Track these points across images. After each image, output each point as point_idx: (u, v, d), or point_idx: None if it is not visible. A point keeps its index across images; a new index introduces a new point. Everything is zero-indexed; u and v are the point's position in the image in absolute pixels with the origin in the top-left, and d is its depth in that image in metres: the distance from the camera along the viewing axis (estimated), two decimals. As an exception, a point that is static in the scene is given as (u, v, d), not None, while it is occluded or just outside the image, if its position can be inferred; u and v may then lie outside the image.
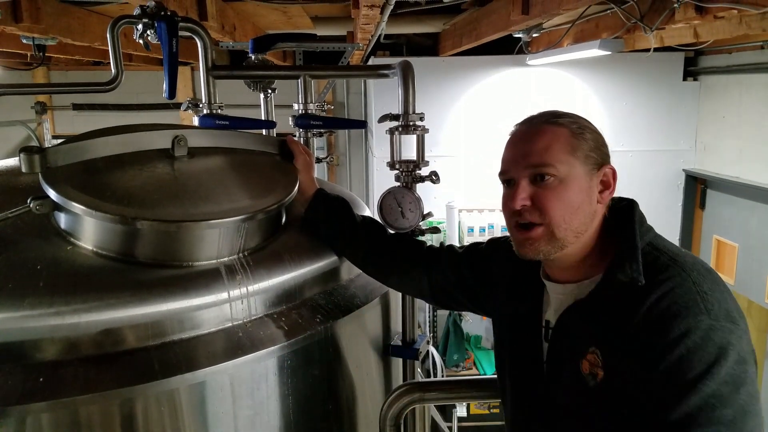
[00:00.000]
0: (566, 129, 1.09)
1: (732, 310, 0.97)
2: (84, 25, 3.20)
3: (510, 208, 1.10)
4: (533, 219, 1.07)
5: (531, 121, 1.14)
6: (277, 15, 4.02)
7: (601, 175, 1.10)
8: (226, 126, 1.66)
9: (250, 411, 1.19)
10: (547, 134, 1.09)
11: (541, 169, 1.06)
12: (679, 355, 0.93)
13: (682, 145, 4.74)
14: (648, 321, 0.97)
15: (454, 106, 4.75)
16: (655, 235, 1.09)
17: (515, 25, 2.99)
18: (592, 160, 1.09)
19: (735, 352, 0.92)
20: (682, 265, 1.01)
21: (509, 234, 1.16)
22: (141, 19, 1.56)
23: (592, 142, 1.10)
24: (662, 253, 1.04)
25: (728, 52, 4.24)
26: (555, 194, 1.06)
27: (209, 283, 1.20)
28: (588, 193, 1.08)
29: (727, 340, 0.93)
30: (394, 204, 1.57)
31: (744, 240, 4.13)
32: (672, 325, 0.94)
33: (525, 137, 1.11)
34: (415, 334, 1.66)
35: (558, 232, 1.06)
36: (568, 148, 1.07)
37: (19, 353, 1.06)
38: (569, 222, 1.06)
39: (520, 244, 1.10)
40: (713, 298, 0.96)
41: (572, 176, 1.06)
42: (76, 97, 6.70)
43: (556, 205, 1.05)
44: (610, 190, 1.12)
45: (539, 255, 1.09)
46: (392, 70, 1.62)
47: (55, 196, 1.15)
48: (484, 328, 4.93)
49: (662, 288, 0.98)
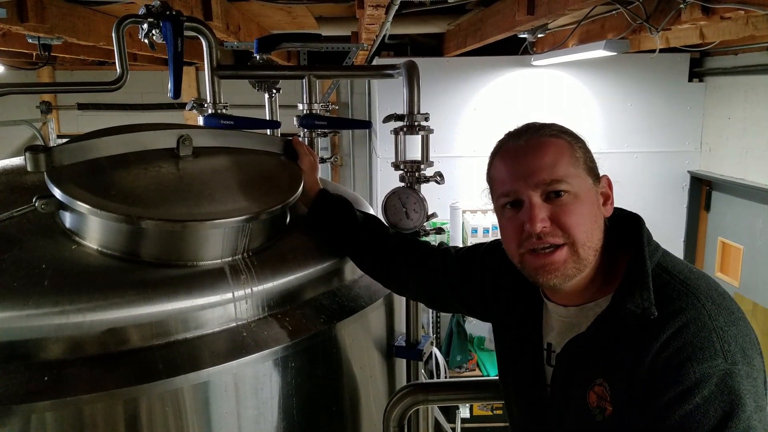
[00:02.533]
0: (564, 141, 1.02)
1: (747, 346, 0.90)
2: (89, 24, 3.21)
3: (521, 233, 0.99)
4: (555, 240, 0.97)
5: (525, 134, 1.04)
6: (282, 15, 4.02)
7: (600, 187, 1.05)
8: (231, 126, 1.66)
9: (254, 411, 1.19)
10: (550, 147, 1.01)
11: (555, 185, 0.98)
12: (694, 405, 0.86)
13: (687, 147, 4.72)
14: (660, 362, 0.89)
15: (458, 107, 4.74)
16: (663, 253, 1.02)
17: (520, 25, 2.98)
18: (592, 172, 1.03)
19: (752, 400, 0.86)
20: (695, 292, 0.93)
21: (518, 260, 1.04)
22: (146, 19, 1.56)
23: (587, 153, 1.04)
24: (673, 277, 0.96)
25: (734, 54, 4.22)
26: (573, 210, 0.98)
27: (213, 282, 1.20)
28: (598, 206, 1.02)
29: (744, 388, 0.86)
30: (399, 204, 1.57)
31: (749, 242, 4.11)
32: (685, 370, 0.87)
33: (525, 152, 1.02)
34: (419, 335, 1.66)
35: (582, 251, 0.98)
36: (573, 161, 1.01)
37: (24, 352, 1.06)
38: (591, 238, 0.99)
39: (541, 271, 0.99)
40: (729, 335, 0.89)
41: (583, 189, 1.00)
42: (81, 97, 6.72)
43: (578, 222, 0.97)
44: (611, 201, 1.06)
45: (566, 281, 0.99)
46: (397, 70, 1.62)
47: (61, 195, 1.15)
48: (487, 329, 4.91)
49: (676, 322, 0.90)
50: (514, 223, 1.02)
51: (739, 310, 0.95)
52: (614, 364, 0.96)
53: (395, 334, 1.64)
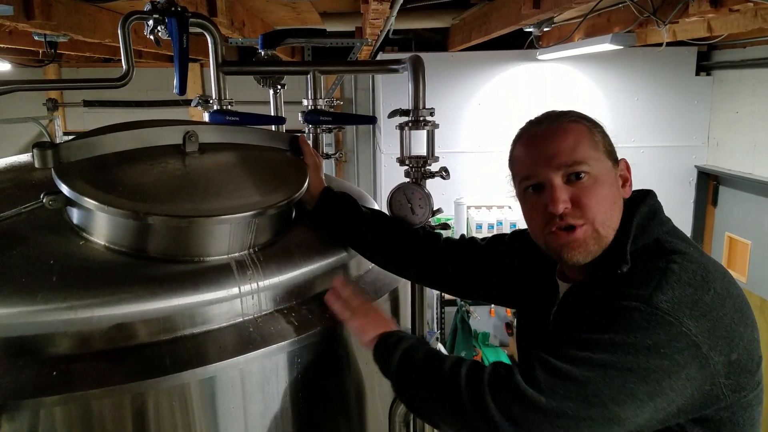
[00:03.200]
0: (583, 126, 1.07)
1: (689, 312, 0.92)
2: (95, 21, 3.22)
3: (548, 214, 1.04)
4: (576, 221, 1.02)
5: (546, 120, 1.09)
6: (286, 11, 4.02)
7: (619, 170, 1.10)
8: (237, 122, 1.66)
9: (261, 406, 1.20)
10: (570, 132, 1.05)
11: (575, 167, 1.02)
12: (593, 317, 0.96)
13: (695, 141, 4.69)
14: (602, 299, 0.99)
15: (463, 102, 4.73)
16: (668, 230, 1.06)
17: (526, 19, 2.97)
18: (611, 156, 1.08)
19: (649, 338, 0.90)
20: (671, 258, 0.99)
21: (542, 241, 1.09)
22: (151, 15, 1.56)
23: (605, 138, 1.09)
24: (662, 249, 1.02)
25: (742, 47, 4.19)
26: (594, 192, 1.03)
27: (220, 278, 1.21)
28: (617, 188, 1.07)
29: (645, 324, 0.91)
30: (404, 200, 1.57)
31: (757, 237, 4.09)
32: (611, 300, 0.96)
33: (547, 137, 1.06)
34: (424, 330, 1.66)
35: (602, 229, 1.03)
36: (593, 144, 1.05)
37: (33, 347, 1.07)
38: (610, 218, 1.04)
39: (565, 248, 1.04)
40: (672, 290, 0.94)
41: (603, 172, 1.05)
42: (87, 94, 6.75)
43: (598, 203, 1.02)
44: (630, 183, 1.11)
45: (588, 256, 1.04)
46: (402, 65, 1.62)
47: (68, 192, 1.16)
48: (491, 325, 4.92)
49: (633, 270, 0.98)
50: (537, 206, 1.06)
51: (725, 291, 0.98)
52: (584, 312, 1.02)
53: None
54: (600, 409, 0.89)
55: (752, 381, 0.99)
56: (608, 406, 0.89)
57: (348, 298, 1.25)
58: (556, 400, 0.90)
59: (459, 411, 0.98)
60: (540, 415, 0.90)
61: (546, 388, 0.91)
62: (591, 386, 0.90)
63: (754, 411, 1.02)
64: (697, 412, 0.96)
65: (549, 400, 0.90)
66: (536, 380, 0.92)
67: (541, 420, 0.90)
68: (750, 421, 1.01)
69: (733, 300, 0.98)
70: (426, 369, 1.07)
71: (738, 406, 0.98)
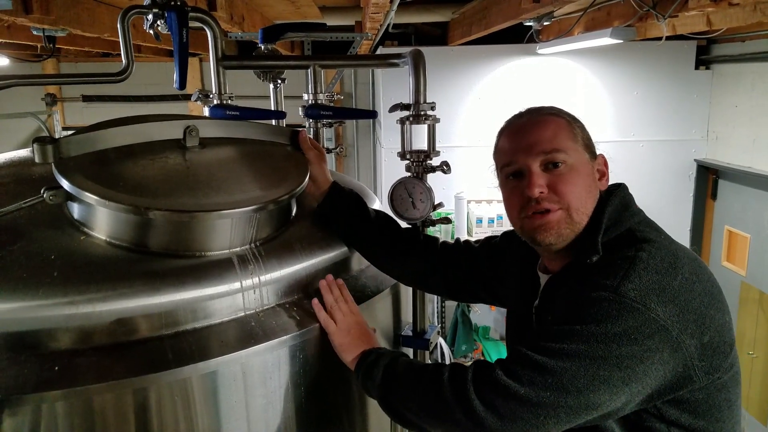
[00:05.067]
0: (564, 119, 1.13)
1: (656, 298, 0.95)
2: (93, 15, 3.20)
3: (524, 198, 1.09)
4: (551, 206, 1.08)
5: (527, 114, 1.16)
6: (286, 5, 4.00)
7: (597, 164, 1.14)
8: (237, 116, 1.65)
9: (263, 400, 1.20)
10: (550, 123, 1.12)
11: (553, 155, 1.08)
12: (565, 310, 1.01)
13: (694, 135, 4.69)
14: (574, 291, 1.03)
15: (463, 96, 4.72)
16: (640, 220, 1.10)
17: (526, 13, 2.95)
18: (589, 149, 1.13)
19: (619, 326, 0.94)
20: (640, 246, 1.02)
21: (518, 226, 1.14)
22: (151, 9, 1.55)
23: (585, 132, 1.14)
24: (632, 239, 1.05)
25: (741, 41, 4.17)
26: (569, 179, 1.08)
27: (222, 272, 1.21)
28: (593, 179, 1.12)
29: (615, 312, 0.95)
30: (405, 194, 1.57)
31: (756, 231, 4.09)
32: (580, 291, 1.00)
33: (528, 127, 1.13)
34: (425, 324, 1.66)
35: (576, 215, 1.08)
36: (572, 136, 1.11)
37: (35, 342, 1.07)
38: (584, 205, 1.09)
39: (539, 229, 1.09)
40: (639, 278, 0.97)
41: (580, 162, 1.10)
42: (86, 89, 6.72)
43: (573, 190, 1.07)
44: (606, 178, 1.16)
45: (560, 239, 1.09)
46: (403, 59, 1.61)
47: (69, 187, 1.16)
48: (492, 318, 4.93)
49: (602, 261, 1.02)
50: (515, 192, 1.12)
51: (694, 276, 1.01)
52: (559, 303, 1.07)
53: (402, 324, 1.65)
54: (576, 396, 0.94)
55: (725, 363, 1.02)
56: (584, 393, 0.94)
57: (332, 308, 1.28)
58: (535, 391, 0.95)
59: (445, 412, 1.03)
60: (521, 405, 0.96)
61: (525, 380, 0.97)
62: (567, 376, 0.95)
63: (730, 393, 1.05)
64: (671, 394, 0.99)
65: (528, 390, 0.96)
66: (516, 373, 0.98)
67: (522, 410, 0.96)
68: (726, 403, 1.04)
69: (702, 284, 1.01)
70: (409, 378, 1.12)
71: (713, 388, 1.02)
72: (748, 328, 4.19)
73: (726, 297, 1.08)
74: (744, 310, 4.22)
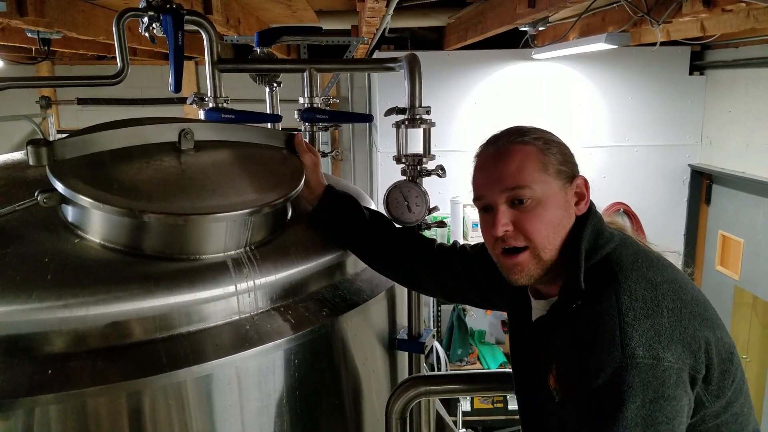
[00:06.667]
0: (533, 147, 1.08)
1: (660, 339, 0.95)
2: (88, 18, 3.20)
3: (492, 235, 1.09)
4: (517, 243, 1.07)
5: (497, 141, 1.13)
6: (282, 9, 4.01)
7: (575, 187, 1.10)
8: (232, 120, 1.65)
9: (257, 403, 1.20)
10: (516, 154, 1.08)
11: (517, 192, 1.06)
12: (592, 390, 0.95)
13: (688, 140, 4.71)
14: (575, 349, 1.00)
15: (458, 101, 4.73)
16: (616, 246, 1.07)
17: (521, 18, 2.97)
18: (563, 174, 1.09)
19: (650, 391, 0.92)
20: (617, 286, 1.00)
21: (496, 259, 1.14)
22: (146, 12, 1.55)
23: (561, 156, 1.10)
24: (609, 270, 1.03)
25: (735, 46, 4.21)
26: (535, 216, 1.06)
27: (216, 276, 1.20)
28: (565, 208, 1.09)
29: (639, 380, 0.93)
30: (401, 198, 1.57)
31: (750, 235, 4.11)
32: (589, 357, 0.97)
33: (494, 159, 1.10)
34: (420, 328, 1.66)
35: (543, 254, 1.07)
36: (539, 166, 1.07)
37: (28, 346, 1.06)
38: (552, 242, 1.07)
39: (510, 271, 1.09)
40: (634, 329, 0.95)
41: (548, 194, 1.07)
42: (81, 92, 6.70)
43: (538, 228, 1.06)
44: (585, 201, 1.12)
45: (531, 280, 1.09)
46: (398, 63, 1.62)
47: (63, 189, 1.15)
48: (488, 323, 4.93)
49: (588, 313, 1.00)
50: (486, 226, 1.11)
51: (678, 301, 1.00)
52: (558, 350, 1.06)
53: (397, 327, 1.65)
54: None
55: (728, 379, 1.03)
56: None
57: None
58: None
59: None
60: None
61: None
62: None
63: (736, 405, 1.06)
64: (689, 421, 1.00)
65: None
66: None
67: None
68: (734, 417, 1.05)
69: (688, 308, 1.01)
70: None
71: (723, 412, 1.04)
72: (742, 332, 4.21)
73: (719, 301, 1.09)
74: (737, 314, 4.24)
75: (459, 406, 4.18)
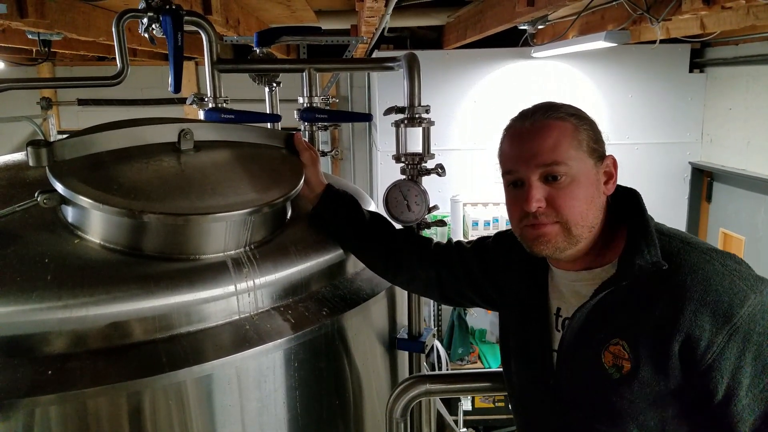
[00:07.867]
0: (569, 123, 1.07)
1: (755, 274, 0.99)
2: (89, 19, 3.20)
3: (522, 210, 1.06)
4: (548, 221, 1.05)
5: (531, 115, 1.10)
6: (281, 9, 4.01)
7: (604, 166, 1.10)
8: (232, 120, 1.65)
9: (257, 403, 1.20)
10: (553, 130, 1.05)
11: (553, 168, 1.04)
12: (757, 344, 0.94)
13: (689, 138, 4.71)
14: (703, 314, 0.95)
15: (458, 100, 4.73)
16: (655, 222, 1.10)
17: (520, 17, 2.97)
18: (596, 153, 1.08)
19: None
20: (696, 245, 1.02)
21: (518, 233, 1.12)
22: (146, 13, 1.55)
23: (593, 134, 1.09)
24: (672, 238, 1.05)
25: (735, 44, 4.20)
26: (569, 193, 1.04)
27: (216, 276, 1.21)
28: (597, 186, 1.08)
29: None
30: (400, 197, 1.57)
31: (750, 233, 4.11)
32: (731, 313, 0.94)
33: (530, 134, 1.07)
34: (421, 327, 1.66)
35: (575, 229, 1.05)
36: (575, 143, 1.06)
37: (28, 346, 1.07)
38: (585, 218, 1.05)
39: (535, 241, 1.07)
40: (741, 271, 0.98)
41: (583, 172, 1.05)
42: (81, 93, 6.72)
43: (572, 204, 1.04)
44: (614, 180, 1.11)
45: (556, 252, 1.07)
46: (398, 62, 1.62)
47: (63, 190, 1.15)
48: (488, 322, 4.93)
49: (689, 272, 0.98)
50: (516, 201, 1.09)
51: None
52: (631, 320, 1.02)
53: (397, 327, 1.65)
54: None
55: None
56: None
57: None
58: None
59: None
60: None
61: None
62: None
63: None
64: None
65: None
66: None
67: None
68: None
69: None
70: None
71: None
72: (743, 329, 4.19)
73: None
74: (739, 311, 4.23)
75: (460, 405, 4.19)
